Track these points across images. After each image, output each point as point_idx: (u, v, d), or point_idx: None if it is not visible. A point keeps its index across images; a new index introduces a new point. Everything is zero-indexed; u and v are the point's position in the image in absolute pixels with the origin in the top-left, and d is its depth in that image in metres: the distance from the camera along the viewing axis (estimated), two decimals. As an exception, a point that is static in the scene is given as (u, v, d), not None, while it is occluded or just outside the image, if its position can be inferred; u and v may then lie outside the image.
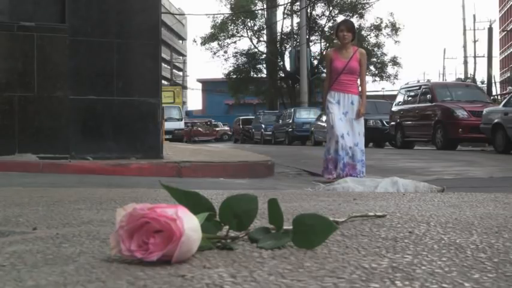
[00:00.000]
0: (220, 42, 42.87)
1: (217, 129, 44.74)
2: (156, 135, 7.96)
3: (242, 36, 43.04)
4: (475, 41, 52.74)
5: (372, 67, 41.33)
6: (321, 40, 41.65)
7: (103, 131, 7.70)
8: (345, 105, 6.87)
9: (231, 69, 43.65)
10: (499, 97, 33.55)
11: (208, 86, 61.00)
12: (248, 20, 42.19)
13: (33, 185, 4.54)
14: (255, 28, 42.72)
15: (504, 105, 14.25)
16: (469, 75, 47.91)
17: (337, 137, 6.73)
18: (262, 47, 43.23)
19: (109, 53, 7.72)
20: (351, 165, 6.73)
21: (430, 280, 1.03)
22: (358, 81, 7.26)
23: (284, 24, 42.80)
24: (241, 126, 37.99)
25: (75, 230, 1.66)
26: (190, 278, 1.03)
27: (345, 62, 6.92)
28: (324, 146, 8.18)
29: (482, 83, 43.65)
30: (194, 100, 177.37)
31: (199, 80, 66.96)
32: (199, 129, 42.58)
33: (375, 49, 41.19)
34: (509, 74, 64.32)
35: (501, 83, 67.13)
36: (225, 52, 43.29)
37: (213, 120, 45.60)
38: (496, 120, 13.73)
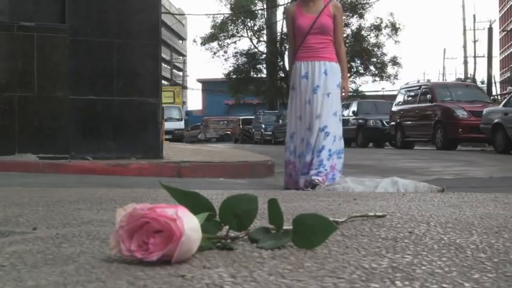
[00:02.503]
0: (220, 42, 42.86)
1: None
2: (156, 135, 7.97)
3: (242, 36, 43.03)
4: (475, 41, 52.73)
5: (372, 67, 41.34)
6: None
7: (103, 131, 7.70)
8: (315, 78, 5.03)
9: (231, 69, 43.65)
10: (499, 97, 33.56)
11: (208, 86, 60.97)
12: (248, 20, 42.17)
13: (33, 185, 4.54)
14: (255, 28, 42.70)
15: (504, 105, 14.26)
16: (469, 75, 47.89)
17: (305, 131, 5.02)
18: (262, 47, 43.23)
19: (109, 53, 7.72)
20: (312, 162, 4.89)
21: (430, 280, 1.03)
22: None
23: (284, 24, 42.76)
24: (241, 126, 37.97)
25: (75, 230, 1.66)
26: (190, 278, 1.03)
27: (313, 18, 5.10)
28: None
29: (482, 83, 43.65)
30: (194, 100, 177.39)
31: (199, 80, 66.94)
32: None
33: (375, 49, 41.18)
34: (509, 74, 64.32)
35: (501, 83, 67.14)
36: (225, 52, 43.28)
37: None
38: (496, 120, 13.73)
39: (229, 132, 41.67)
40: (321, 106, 4.97)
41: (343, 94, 5.20)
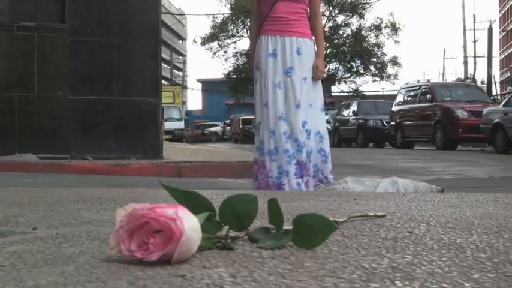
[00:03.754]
0: (220, 42, 42.91)
1: None
2: (156, 135, 7.97)
3: (242, 36, 43.04)
4: (475, 41, 52.72)
5: (372, 67, 41.34)
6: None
7: (103, 131, 7.70)
8: (286, 58, 4.17)
9: (231, 69, 43.68)
10: (499, 97, 33.56)
11: (208, 86, 60.99)
12: (248, 20, 42.17)
13: (33, 185, 4.55)
14: (255, 28, 42.68)
15: (504, 105, 14.26)
16: (469, 75, 47.89)
17: (274, 121, 4.16)
18: (262, 47, 43.19)
19: (109, 53, 7.73)
20: (303, 164, 4.17)
21: (430, 280, 1.03)
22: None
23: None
24: (241, 126, 37.96)
25: (75, 230, 1.66)
26: (190, 278, 1.03)
27: None
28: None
29: (482, 83, 43.66)
30: (194, 100, 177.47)
31: (199, 80, 66.97)
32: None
33: (375, 49, 41.20)
34: (509, 74, 64.32)
35: (501, 83, 67.14)
36: (225, 52, 43.33)
37: None
38: (496, 120, 13.74)
39: None
40: (300, 93, 4.16)
41: (315, 76, 4.26)
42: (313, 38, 4.39)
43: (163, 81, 20.88)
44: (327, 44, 40.58)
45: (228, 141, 37.13)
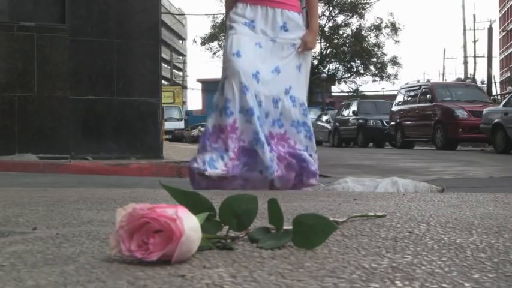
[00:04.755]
0: (220, 42, 42.90)
1: None
2: (156, 135, 7.98)
3: (242, 36, 43.03)
4: (475, 41, 52.72)
5: (372, 67, 41.34)
6: (320, 40, 41.74)
7: (103, 131, 7.71)
8: (267, 30, 3.38)
9: (231, 69, 43.62)
10: (499, 97, 33.56)
11: (208, 86, 60.93)
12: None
13: (33, 185, 4.55)
14: (255, 28, 42.68)
15: (504, 105, 14.26)
16: (469, 75, 47.88)
17: (241, 77, 3.25)
18: (262, 47, 43.17)
19: (109, 53, 7.73)
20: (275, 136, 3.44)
21: (430, 280, 1.03)
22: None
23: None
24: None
25: (75, 230, 1.66)
26: (190, 278, 1.03)
27: None
28: (324, 146, 7.40)
29: (482, 83, 43.64)
30: (194, 100, 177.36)
31: (199, 80, 66.92)
32: None
33: (375, 49, 41.21)
34: (509, 74, 64.34)
35: (501, 83, 67.12)
36: (225, 52, 43.27)
37: None
38: (496, 120, 13.74)
39: None
40: (290, 78, 3.43)
41: (301, 48, 3.46)
42: (304, 11, 3.66)
43: (163, 81, 20.90)
44: (327, 44, 40.58)
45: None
